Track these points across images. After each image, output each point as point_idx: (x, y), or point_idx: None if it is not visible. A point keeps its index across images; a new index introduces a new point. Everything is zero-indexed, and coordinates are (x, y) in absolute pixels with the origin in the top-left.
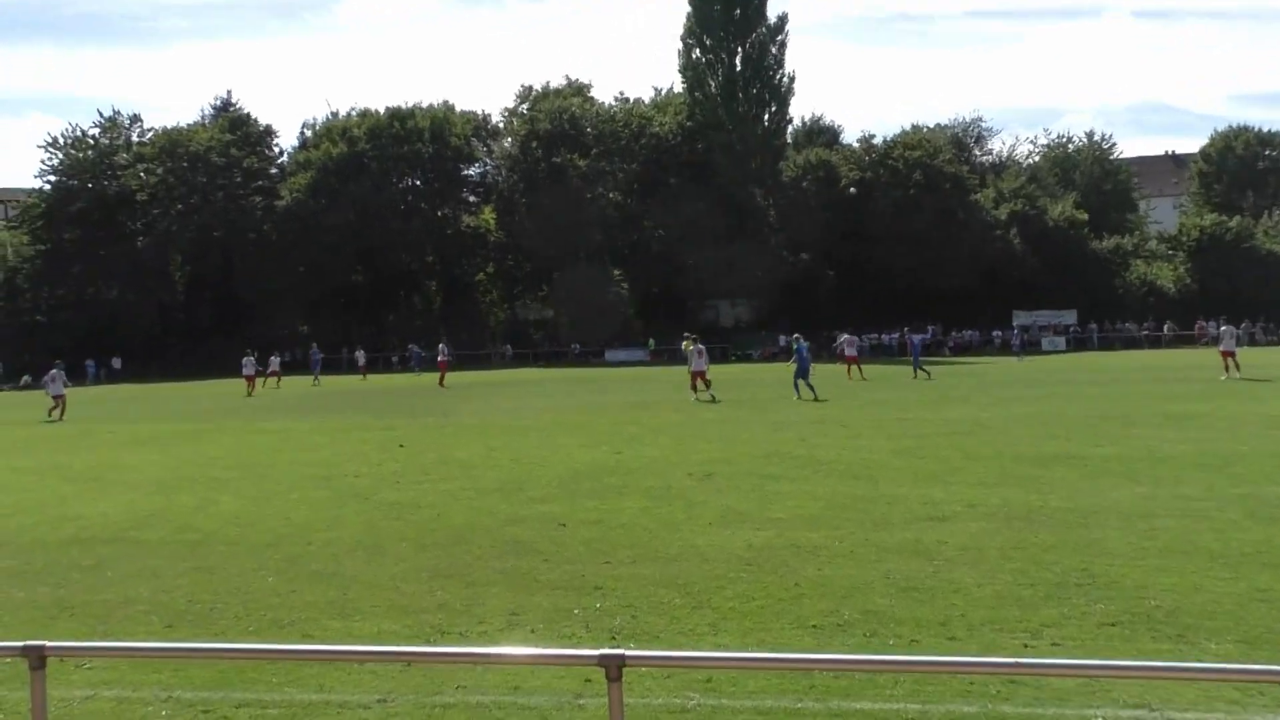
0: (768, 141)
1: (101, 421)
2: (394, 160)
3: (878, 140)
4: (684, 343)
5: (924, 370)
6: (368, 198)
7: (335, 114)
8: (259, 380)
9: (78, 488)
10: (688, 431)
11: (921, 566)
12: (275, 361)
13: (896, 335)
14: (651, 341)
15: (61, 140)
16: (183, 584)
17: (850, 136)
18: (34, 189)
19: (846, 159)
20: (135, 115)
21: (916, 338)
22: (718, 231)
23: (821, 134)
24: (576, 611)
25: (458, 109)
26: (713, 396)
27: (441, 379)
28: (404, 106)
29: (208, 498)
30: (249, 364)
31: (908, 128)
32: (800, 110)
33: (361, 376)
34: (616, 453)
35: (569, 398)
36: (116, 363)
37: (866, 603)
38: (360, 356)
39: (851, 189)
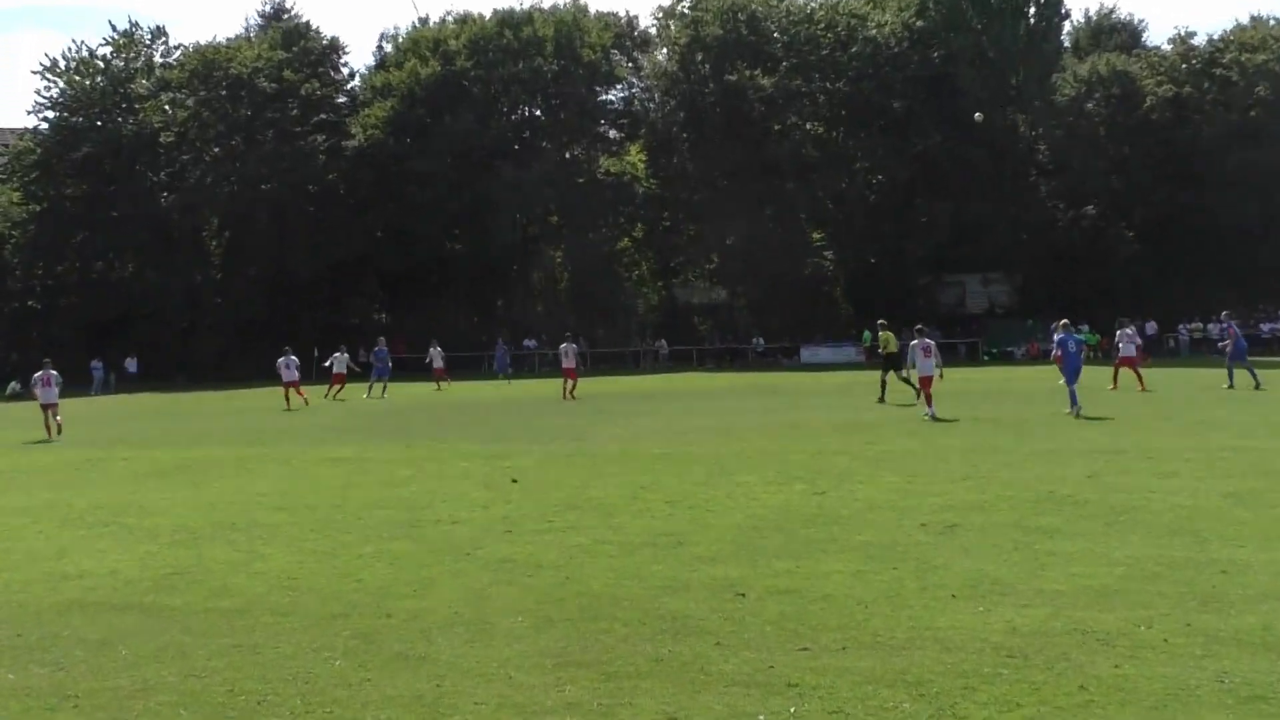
0: (1034, 47)
1: (112, 444)
2: (505, 83)
3: (1199, 40)
4: (880, 332)
5: (1252, 374)
6: (469, 136)
7: (424, 21)
8: (294, 389)
9: (81, 535)
10: (922, 464)
11: (1274, 666)
12: (340, 360)
13: (1221, 324)
14: (867, 334)
15: (62, 64)
16: (219, 667)
17: (1158, 36)
18: (26, 129)
19: (1153, 68)
20: (158, 28)
21: (1233, 327)
22: (961, 177)
23: (1114, 34)
24: (762, 718)
25: (592, 11)
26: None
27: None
28: (518, 9)
29: (252, 551)
30: (289, 366)
31: (1243, 20)
32: (1081, 1)
33: (436, 385)
34: (818, 493)
35: (749, 414)
36: (131, 364)
37: (1191, 718)
38: (437, 356)
39: (1161, 111)
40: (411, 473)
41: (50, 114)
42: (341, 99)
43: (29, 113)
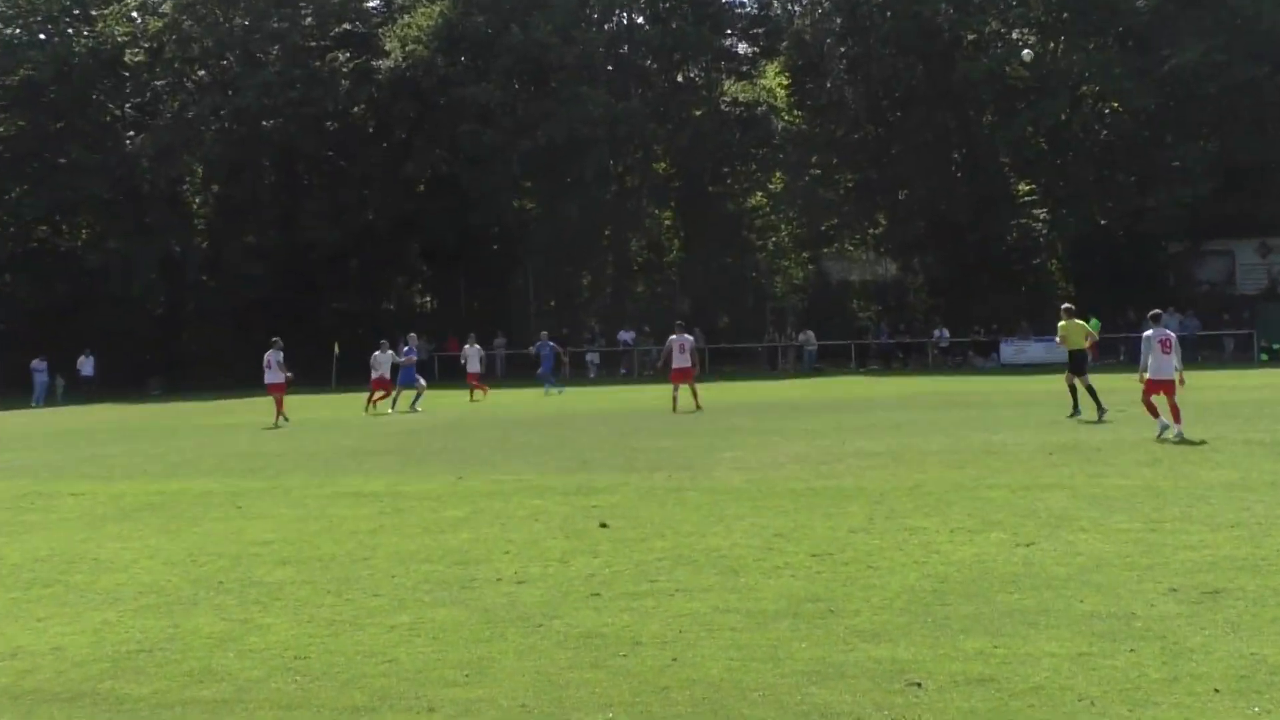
0: None
1: (58, 473)
2: None
3: None
4: (1061, 321)
5: None
6: (544, 53)
7: None
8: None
9: (13, 598)
10: (1169, 504)
11: None
12: (410, 350)
13: None
14: (1095, 321)
15: None
16: None
17: None
18: None
19: None
20: None
21: None
22: (1230, 105)
23: None
24: None
25: None
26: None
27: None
28: None
29: (247, 620)
30: (270, 364)
31: None
32: None
33: (470, 395)
34: (1023, 544)
35: (927, 433)
36: (86, 365)
37: None
38: (474, 354)
39: None
40: (464, 513)
41: None
42: (372, 2)
43: None
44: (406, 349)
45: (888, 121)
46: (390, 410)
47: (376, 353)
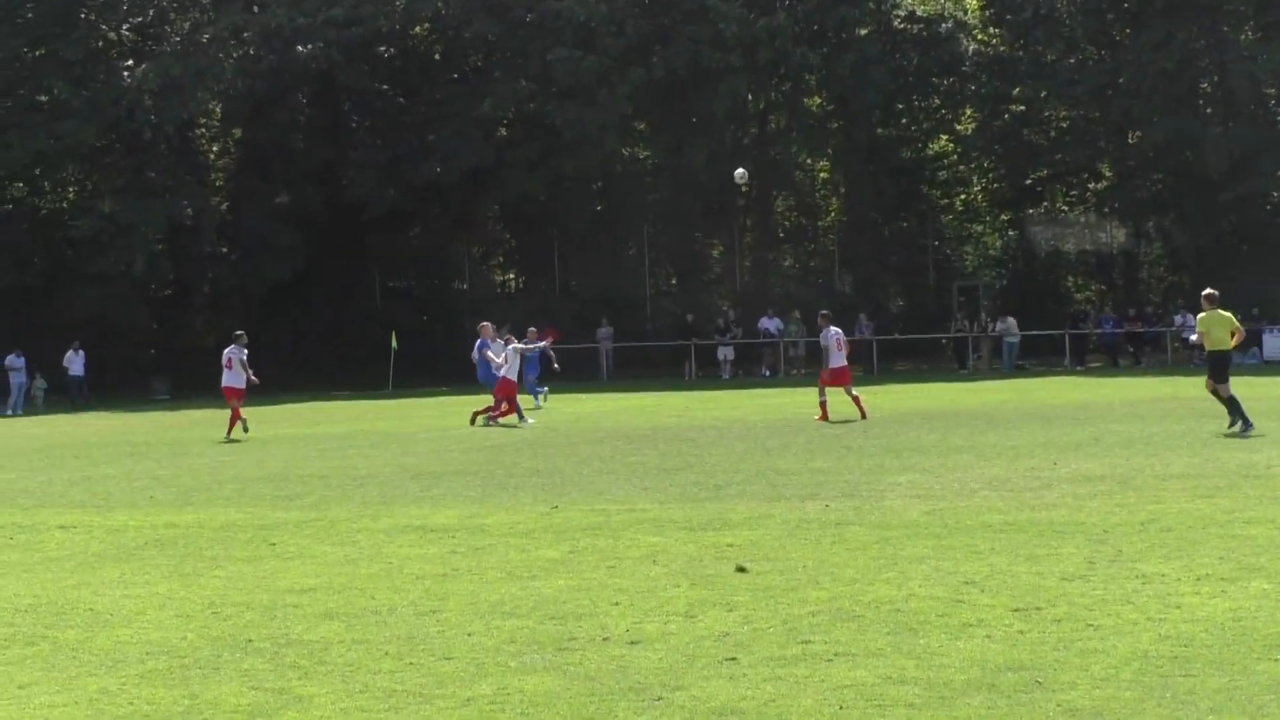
0: None
1: (43, 500)
2: None
3: None
4: (1202, 313)
5: None
6: None
7: None
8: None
9: None
10: None
11: None
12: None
13: None
14: None
15: None
16: None
17: None
18: None
19: None
20: None
21: None
22: None
23: None
24: None
25: None
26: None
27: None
28: None
29: (282, 690)
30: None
31: None
32: None
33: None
34: None
35: (1166, 449)
36: (75, 361)
37: None
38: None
39: None
40: (560, 553)
41: None
42: None
43: None
44: (480, 341)
45: (1114, 41)
46: (526, 421)
47: (488, 342)
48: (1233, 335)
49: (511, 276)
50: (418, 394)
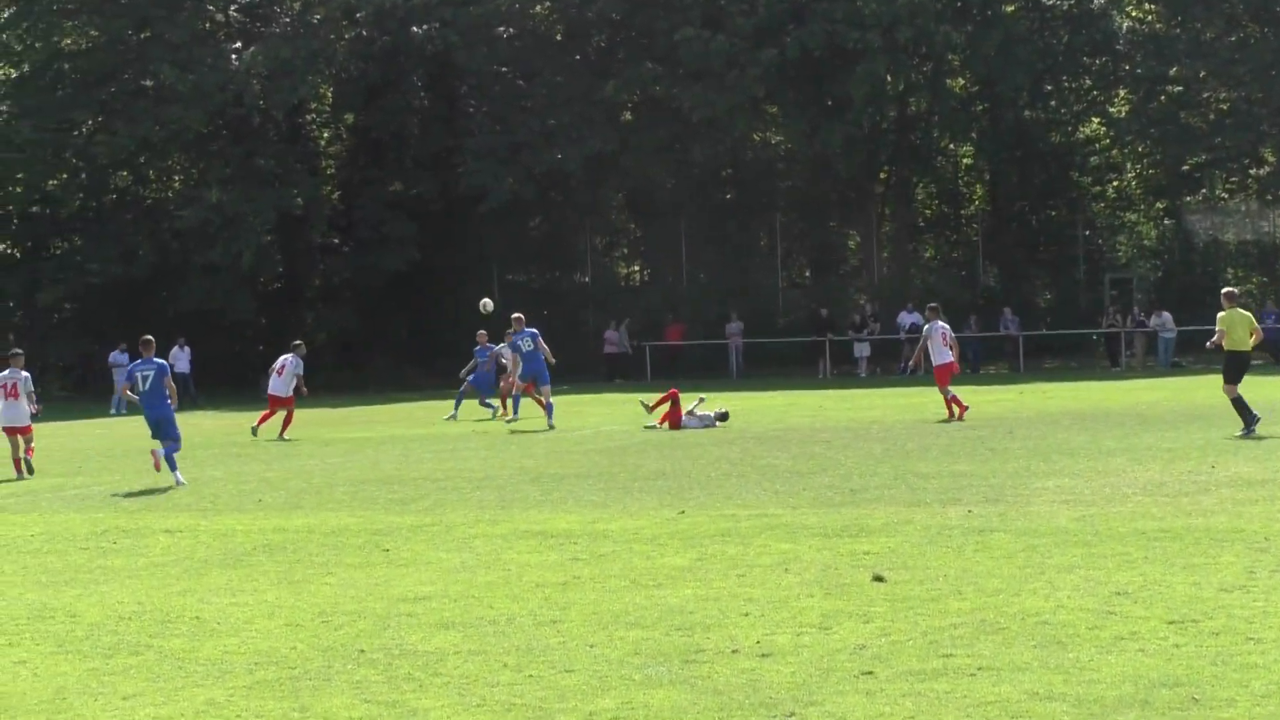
0: None
1: (146, 504)
2: None
3: None
4: (1221, 311)
5: None
6: None
7: None
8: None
9: (92, 668)
10: None
11: None
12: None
13: None
14: None
15: None
16: None
17: None
18: None
19: None
20: None
21: None
22: None
23: None
24: None
25: None
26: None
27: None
28: None
29: (395, 701)
30: (278, 368)
31: None
32: None
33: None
34: None
35: None
36: (181, 358)
37: None
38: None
39: None
40: (687, 561)
41: None
42: None
43: None
44: (479, 349)
45: (1278, 18)
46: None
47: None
48: (1251, 335)
49: (636, 269)
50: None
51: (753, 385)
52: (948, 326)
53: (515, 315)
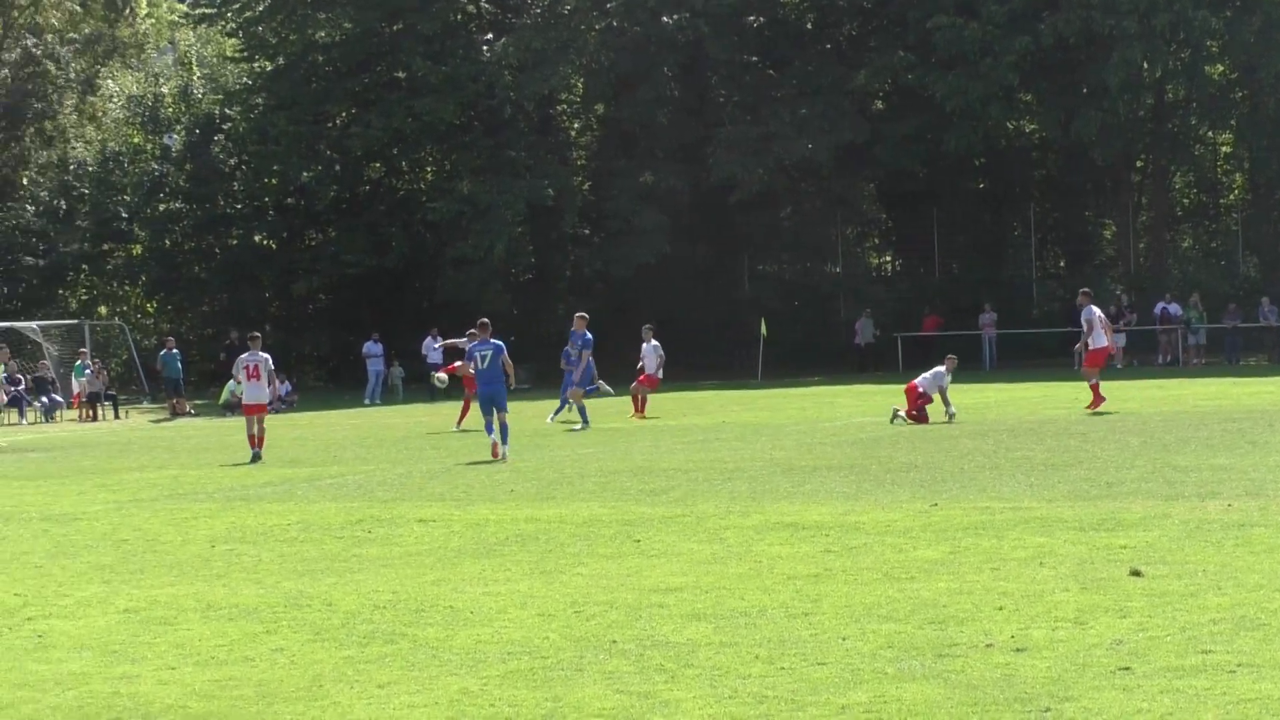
0: None
1: (403, 494)
2: None
3: None
4: None
5: None
6: None
7: None
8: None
9: (347, 656)
10: None
11: None
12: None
13: None
14: None
15: None
16: None
17: None
18: None
19: None
20: None
21: None
22: None
23: None
24: None
25: None
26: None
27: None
28: None
29: (647, 692)
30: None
31: None
32: None
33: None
34: None
35: None
36: (433, 349)
37: None
38: (651, 354)
39: None
40: (940, 554)
41: None
42: None
43: None
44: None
45: None
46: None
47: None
48: None
49: (888, 259)
50: (788, 384)
51: (1006, 376)
52: (1100, 312)
53: (579, 315)
